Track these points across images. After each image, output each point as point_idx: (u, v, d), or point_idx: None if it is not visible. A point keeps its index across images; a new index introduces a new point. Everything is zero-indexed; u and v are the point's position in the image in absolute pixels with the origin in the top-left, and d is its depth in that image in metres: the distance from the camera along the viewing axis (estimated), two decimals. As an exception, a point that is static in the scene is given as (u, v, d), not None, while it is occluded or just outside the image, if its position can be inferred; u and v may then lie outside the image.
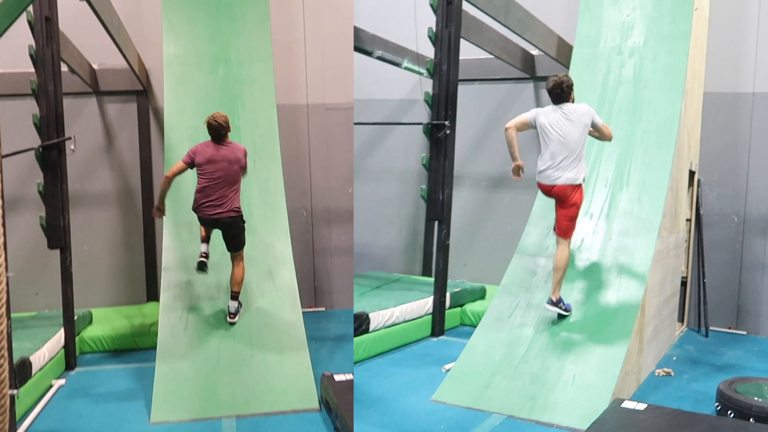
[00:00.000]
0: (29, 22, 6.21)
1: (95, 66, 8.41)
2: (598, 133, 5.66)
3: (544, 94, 9.34)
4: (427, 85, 7.63)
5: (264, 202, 6.64)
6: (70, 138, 6.22)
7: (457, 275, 9.34)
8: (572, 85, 5.48)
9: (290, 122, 8.74)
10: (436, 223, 7.64)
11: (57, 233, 6.23)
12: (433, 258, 8.01)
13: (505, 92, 9.61)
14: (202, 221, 5.82)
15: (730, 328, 8.28)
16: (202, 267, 6.26)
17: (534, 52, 9.04)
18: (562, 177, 5.44)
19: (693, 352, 7.19)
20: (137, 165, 8.60)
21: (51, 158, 6.18)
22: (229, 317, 5.84)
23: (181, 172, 5.66)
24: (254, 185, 6.63)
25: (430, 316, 7.51)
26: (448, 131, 7.16)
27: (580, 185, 5.50)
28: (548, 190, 5.57)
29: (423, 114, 7.34)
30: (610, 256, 6.06)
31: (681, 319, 8.04)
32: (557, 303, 5.67)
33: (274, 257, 6.36)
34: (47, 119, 6.18)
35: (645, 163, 6.51)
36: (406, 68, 8.04)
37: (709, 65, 8.00)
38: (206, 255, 6.29)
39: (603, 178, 6.58)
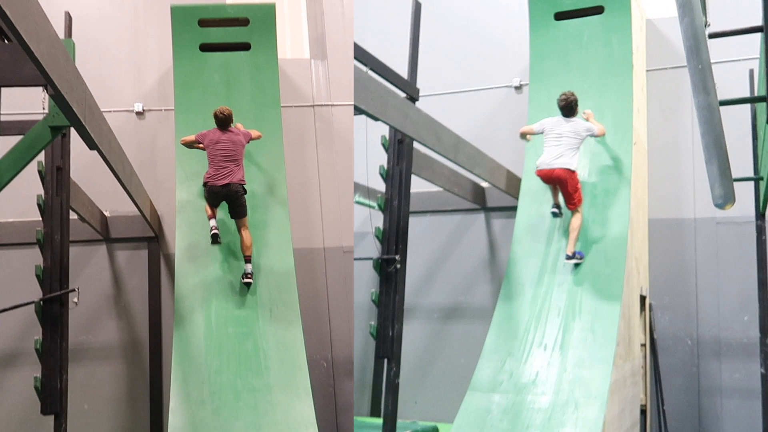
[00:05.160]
0: (39, 172, 6.15)
1: (107, 213, 8.31)
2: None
3: (496, 224, 9.55)
4: (378, 218, 7.73)
5: (282, 358, 6.27)
6: (73, 290, 6.01)
7: (408, 414, 9.07)
8: (577, 101, 6.80)
9: (307, 267, 8.52)
10: (386, 360, 7.47)
11: (52, 397, 5.82)
12: (383, 397, 7.77)
13: (457, 223, 9.76)
14: (212, 194, 6.50)
15: (693, 457, 8.15)
16: (215, 239, 6.57)
17: (484, 184, 9.26)
18: (557, 162, 6.63)
19: (658, 487, 7.02)
20: (146, 315, 8.30)
21: (52, 312, 5.91)
22: (246, 278, 6.51)
23: (190, 141, 6.74)
24: (271, 337, 6.33)
25: (377, 466, 7.15)
26: (398, 265, 7.19)
27: (574, 171, 6.67)
28: (547, 176, 6.73)
29: (372, 248, 7.40)
30: (566, 389, 5.99)
31: (644, 450, 7.90)
32: (573, 256, 6.68)
33: (294, 421, 5.81)
34: (51, 270, 5.98)
35: (596, 291, 6.59)
36: (358, 202, 8.15)
37: (651, 193, 8.29)
38: (217, 228, 6.59)
39: (555, 308, 6.62)
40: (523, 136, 7.22)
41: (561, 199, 7.06)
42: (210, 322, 6.44)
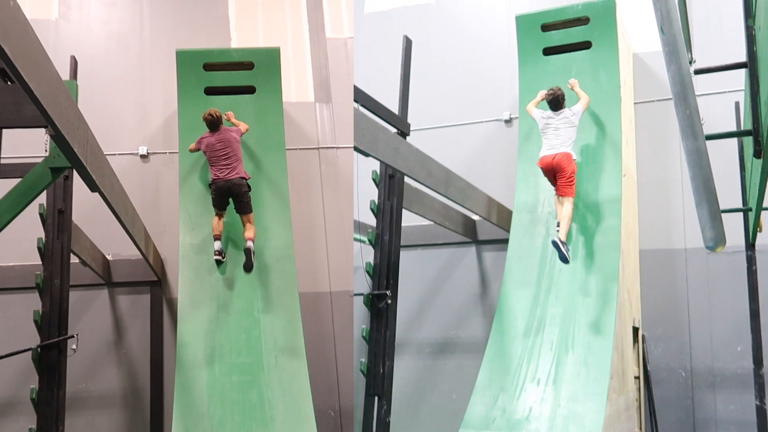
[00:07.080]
0: (41, 215, 6.07)
1: (109, 257, 8.22)
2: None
3: (487, 257, 9.54)
4: (368, 253, 7.70)
5: (288, 407, 6.09)
6: (72, 336, 5.92)
7: (400, 453, 8.97)
8: (564, 95, 7.05)
9: (313, 311, 8.42)
10: (376, 398, 7.38)
11: None
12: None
13: (448, 256, 9.74)
14: (218, 191, 6.81)
15: (690, 492, 8.06)
16: (219, 263, 6.78)
17: (475, 217, 9.27)
18: (558, 150, 6.88)
19: None
20: (147, 362, 8.18)
21: (49, 359, 5.81)
22: (246, 244, 6.73)
23: (194, 149, 7.15)
24: (277, 386, 6.18)
25: None
26: (389, 301, 7.16)
27: (572, 157, 6.92)
28: (548, 164, 6.90)
29: (363, 284, 7.36)
30: (560, 425, 5.93)
31: (640, 485, 7.81)
32: (564, 243, 6.60)
33: None
34: (49, 316, 5.89)
35: (589, 324, 6.56)
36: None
37: (641, 224, 8.31)
38: (221, 252, 6.79)
39: (548, 341, 6.58)
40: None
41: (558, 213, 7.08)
42: (213, 370, 6.29)
